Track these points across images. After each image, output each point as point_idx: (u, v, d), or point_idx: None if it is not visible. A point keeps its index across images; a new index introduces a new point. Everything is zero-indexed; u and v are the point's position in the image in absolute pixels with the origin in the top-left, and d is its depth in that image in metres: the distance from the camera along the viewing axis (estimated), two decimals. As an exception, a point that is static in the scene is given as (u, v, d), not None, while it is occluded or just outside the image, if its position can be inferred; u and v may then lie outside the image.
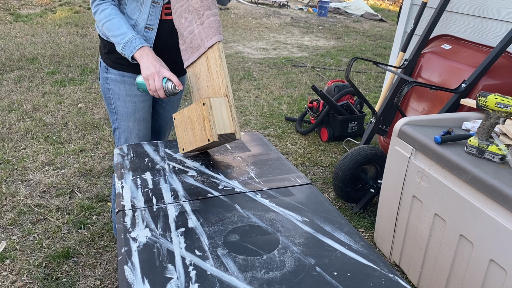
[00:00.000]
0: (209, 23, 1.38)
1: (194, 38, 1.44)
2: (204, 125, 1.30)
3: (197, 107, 1.32)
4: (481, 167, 1.51)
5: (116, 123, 1.69)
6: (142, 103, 1.67)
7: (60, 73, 4.68)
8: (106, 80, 1.63)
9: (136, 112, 1.67)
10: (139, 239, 1.02)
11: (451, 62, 2.31)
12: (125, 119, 1.67)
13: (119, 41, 1.40)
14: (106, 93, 1.65)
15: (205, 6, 1.38)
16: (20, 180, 2.63)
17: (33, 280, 1.89)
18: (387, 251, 2.09)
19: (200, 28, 1.41)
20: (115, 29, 1.40)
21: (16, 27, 6.68)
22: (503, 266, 1.41)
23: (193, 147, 1.38)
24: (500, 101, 1.50)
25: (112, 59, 1.59)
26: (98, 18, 1.42)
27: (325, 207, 1.18)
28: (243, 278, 0.90)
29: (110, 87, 1.63)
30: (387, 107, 2.57)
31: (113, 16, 1.41)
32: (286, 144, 3.38)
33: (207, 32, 1.39)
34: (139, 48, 1.39)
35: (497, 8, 2.43)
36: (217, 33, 1.37)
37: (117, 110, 1.66)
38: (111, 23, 1.40)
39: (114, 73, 1.60)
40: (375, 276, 0.93)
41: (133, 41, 1.39)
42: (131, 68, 1.57)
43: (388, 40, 8.28)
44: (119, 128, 1.69)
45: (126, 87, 1.62)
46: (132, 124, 1.68)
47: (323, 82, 5.11)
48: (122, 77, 1.60)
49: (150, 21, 1.50)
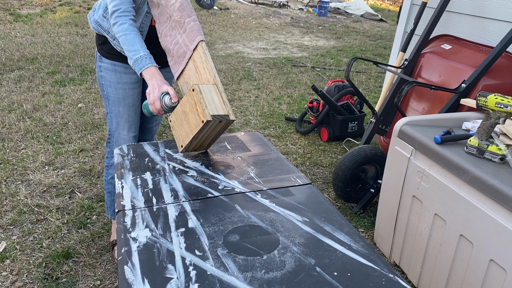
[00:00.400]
0: (190, 28, 1.50)
1: (179, 47, 1.55)
2: (196, 110, 1.34)
3: (188, 96, 1.37)
4: (481, 167, 1.51)
5: (108, 108, 1.84)
6: (131, 90, 1.82)
7: (60, 73, 4.68)
8: (100, 68, 1.79)
9: (126, 98, 1.81)
10: (139, 239, 1.02)
11: (451, 62, 2.31)
12: (116, 104, 1.82)
13: (131, 56, 1.51)
14: (100, 80, 1.82)
15: (185, 15, 1.52)
16: (20, 180, 2.63)
17: (33, 280, 1.89)
18: (387, 251, 2.09)
19: (184, 35, 1.53)
20: (129, 44, 1.52)
21: (16, 27, 6.68)
22: (503, 266, 1.41)
23: (190, 137, 1.37)
24: (500, 101, 1.50)
25: (105, 49, 1.75)
26: (116, 30, 1.54)
27: (325, 207, 1.18)
28: (243, 278, 0.90)
29: (103, 75, 1.79)
30: (387, 107, 2.57)
31: (130, 32, 1.53)
32: (286, 144, 3.38)
33: (190, 37, 1.50)
34: (148, 67, 1.51)
35: (497, 8, 2.43)
36: (198, 33, 1.48)
37: (108, 96, 1.81)
38: (127, 38, 1.52)
39: (107, 62, 1.76)
40: (375, 276, 0.93)
41: (144, 60, 1.50)
42: (121, 58, 1.74)
43: (388, 40, 8.28)
44: (110, 113, 1.84)
45: (117, 75, 1.77)
46: (123, 109, 1.83)
47: (323, 82, 5.11)
48: (114, 66, 1.76)
49: (142, 28, 1.68)
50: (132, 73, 1.79)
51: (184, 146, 1.41)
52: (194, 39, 1.48)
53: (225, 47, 6.56)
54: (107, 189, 2.02)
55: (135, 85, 1.82)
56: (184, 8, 1.53)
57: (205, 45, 1.47)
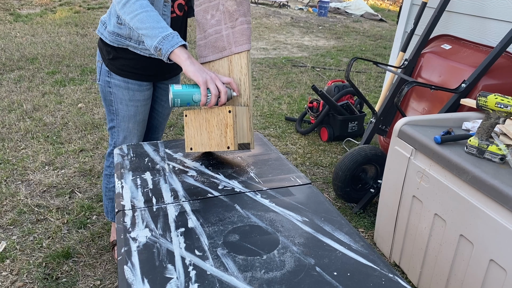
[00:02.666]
0: (241, 30, 1.35)
1: (219, 39, 1.40)
2: (225, 132, 1.29)
3: (220, 112, 1.29)
4: (481, 167, 1.51)
5: (115, 122, 1.74)
6: (144, 107, 1.74)
7: (60, 73, 4.68)
8: (109, 84, 1.66)
9: (137, 115, 1.73)
10: (139, 239, 1.02)
11: (451, 62, 2.31)
12: (125, 120, 1.73)
13: (157, 34, 1.28)
14: (107, 95, 1.69)
15: (240, 11, 1.35)
16: (20, 180, 2.63)
17: (33, 280, 1.89)
18: (387, 251, 2.09)
19: (230, 31, 1.37)
20: (153, 21, 1.29)
21: (16, 27, 6.68)
22: (503, 266, 1.41)
23: (206, 149, 1.37)
24: (500, 101, 1.50)
25: (117, 65, 1.61)
26: (132, 8, 1.30)
27: (325, 207, 1.18)
28: (243, 278, 0.90)
29: (113, 91, 1.66)
30: (387, 107, 2.57)
31: (151, 8, 1.32)
32: (286, 144, 3.38)
33: (237, 38, 1.36)
34: (180, 45, 1.29)
35: (497, 8, 2.43)
36: (248, 41, 1.35)
37: (118, 111, 1.71)
38: (149, 15, 1.30)
39: (118, 79, 1.63)
40: (375, 276, 0.93)
41: (175, 37, 1.29)
42: (135, 75, 1.63)
43: (388, 40, 8.28)
44: (118, 127, 1.75)
45: (130, 93, 1.66)
46: (132, 125, 1.75)
47: (323, 82, 5.11)
48: (126, 84, 1.64)
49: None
50: (146, 89, 1.69)
51: (193, 150, 1.40)
52: (242, 45, 1.35)
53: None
54: (108, 195, 1.97)
55: (147, 101, 1.75)
56: (241, 2, 1.35)
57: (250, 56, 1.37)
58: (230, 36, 1.38)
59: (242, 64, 1.36)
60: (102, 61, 1.65)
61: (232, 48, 1.37)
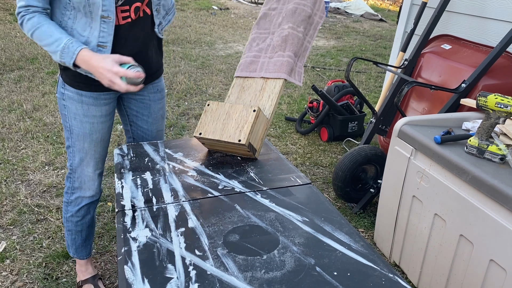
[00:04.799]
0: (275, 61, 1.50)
1: (254, 62, 1.55)
2: (242, 127, 1.35)
3: (245, 110, 1.38)
4: (481, 167, 1.51)
5: (70, 141, 1.54)
6: (101, 124, 1.52)
7: (60, 73, 4.68)
8: (63, 96, 1.48)
9: (94, 133, 1.52)
10: (139, 239, 1.02)
11: (451, 62, 2.31)
12: (80, 139, 1.52)
13: (55, 49, 1.26)
14: (62, 109, 1.51)
15: (282, 47, 1.51)
16: (20, 180, 2.63)
17: (33, 280, 1.89)
18: (387, 251, 2.09)
19: (267, 60, 1.53)
20: (46, 37, 1.25)
21: (16, 27, 6.68)
22: (503, 266, 1.41)
23: (215, 137, 1.38)
24: (500, 101, 1.50)
25: (69, 76, 1.43)
26: (26, 28, 1.27)
27: (325, 207, 1.18)
28: (243, 278, 0.90)
29: (66, 105, 1.48)
30: (387, 107, 2.57)
31: (42, 23, 1.26)
32: (286, 144, 3.39)
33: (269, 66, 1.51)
34: (78, 52, 1.26)
35: (497, 8, 2.43)
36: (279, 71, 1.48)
37: (72, 129, 1.51)
38: (41, 31, 1.26)
39: (71, 90, 1.45)
40: (375, 276, 0.93)
41: (70, 46, 1.25)
42: (90, 87, 1.43)
43: (388, 40, 8.28)
44: (73, 147, 1.54)
45: (84, 107, 1.47)
46: (88, 145, 1.54)
47: (323, 82, 5.11)
48: (80, 96, 1.45)
49: (102, 38, 1.34)
50: (103, 104, 1.49)
51: (202, 135, 1.41)
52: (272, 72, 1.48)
53: (225, 47, 6.56)
54: (67, 227, 1.72)
55: (106, 118, 1.53)
56: (286, 40, 1.49)
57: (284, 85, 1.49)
58: (264, 64, 1.52)
59: (276, 85, 1.47)
60: (59, 71, 1.50)
61: (262, 73, 1.50)
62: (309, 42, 1.55)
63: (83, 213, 1.68)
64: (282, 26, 1.52)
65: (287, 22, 1.51)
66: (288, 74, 1.47)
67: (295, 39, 1.49)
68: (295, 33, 1.50)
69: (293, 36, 1.49)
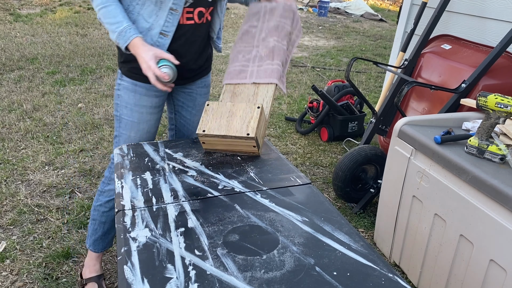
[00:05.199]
0: (265, 69, 1.53)
1: (243, 71, 1.56)
2: (249, 121, 1.37)
3: (248, 107, 1.40)
4: (481, 167, 1.51)
5: (118, 130, 1.65)
6: (149, 115, 1.63)
7: (60, 73, 4.68)
8: (119, 87, 1.62)
9: (141, 123, 1.63)
10: (139, 239, 1.02)
11: (451, 62, 2.31)
12: (128, 128, 1.63)
13: (114, 29, 1.38)
14: (116, 99, 1.64)
15: (269, 56, 1.55)
16: (20, 180, 2.63)
17: (33, 280, 1.89)
18: (387, 251, 2.09)
19: (255, 69, 1.55)
20: (110, 17, 1.38)
21: (16, 27, 6.68)
22: (503, 266, 1.41)
23: (221, 133, 1.39)
24: (500, 101, 1.50)
25: (127, 67, 1.58)
26: (96, 3, 1.39)
27: (325, 207, 1.18)
28: (243, 278, 0.90)
29: (120, 94, 1.61)
30: (387, 107, 2.57)
31: (110, 3, 1.39)
32: (286, 144, 3.38)
33: (260, 74, 1.53)
34: (134, 38, 1.39)
35: (497, 8, 2.43)
36: (270, 76, 1.50)
37: (121, 117, 1.63)
38: (107, 10, 1.38)
39: (127, 81, 1.59)
40: (375, 276, 0.93)
41: (128, 31, 1.38)
42: (144, 78, 1.54)
43: (388, 40, 8.28)
44: (119, 136, 1.65)
45: (136, 97, 1.59)
46: (134, 135, 1.64)
47: (323, 82, 5.11)
48: (134, 86, 1.58)
49: (166, 27, 1.46)
50: (154, 96, 1.61)
51: (206, 132, 1.41)
52: (263, 78, 1.51)
53: (225, 47, 6.56)
54: (93, 216, 1.77)
55: (154, 109, 1.64)
56: (274, 51, 1.53)
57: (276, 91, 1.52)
58: (254, 72, 1.54)
59: (268, 90, 1.49)
60: (118, 65, 1.65)
61: (253, 79, 1.52)
62: (289, 56, 1.60)
63: (111, 205, 1.72)
64: (267, 39, 1.56)
65: (271, 36, 1.56)
66: (278, 80, 1.50)
67: (281, 50, 1.54)
68: (280, 46, 1.55)
69: (279, 48, 1.54)
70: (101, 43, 6.06)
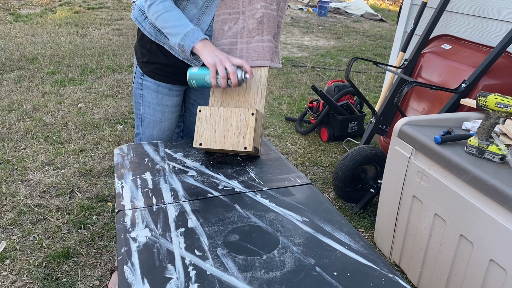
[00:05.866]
0: (255, 47, 1.44)
1: (233, 50, 1.46)
2: (245, 133, 1.33)
3: (241, 113, 1.34)
4: (481, 167, 1.51)
5: (140, 128, 1.70)
6: (171, 114, 1.68)
7: (60, 73, 4.68)
8: (140, 86, 1.64)
9: (163, 122, 1.68)
10: (139, 239, 1.02)
11: (451, 62, 2.31)
12: (150, 126, 1.68)
13: (179, 31, 1.35)
14: (137, 98, 1.67)
15: (258, 30, 1.42)
16: (20, 180, 2.63)
17: (33, 280, 1.89)
18: (387, 251, 2.09)
19: (245, 46, 1.45)
20: (175, 20, 1.36)
21: (16, 27, 6.68)
22: (503, 266, 1.41)
23: (218, 147, 1.37)
24: (500, 101, 1.50)
25: (150, 68, 1.60)
26: (156, 9, 1.37)
27: (325, 207, 1.18)
28: (243, 278, 0.90)
29: (143, 94, 1.64)
30: (387, 107, 2.57)
31: (173, 8, 1.39)
32: (286, 144, 3.38)
33: (250, 53, 1.44)
34: (202, 39, 1.36)
35: (497, 8, 2.43)
36: (262, 58, 1.42)
37: (144, 116, 1.67)
38: (171, 14, 1.37)
39: (150, 81, 1.61)
40: (375, 276, 0.93)
41: (195, 32, 1.36)
42: (167, 79, 1.60)
43: (388, 40, 8.27)
44: (142, 135, 1.70)
45: (159, 96, 1.63)
46: (157, 133, 1.69)
47: (323, 82, 5.11)
48: (157, 86, 1.62)
49: (209, 32, 1.49)
50: (175, 95, 1.66)
51: (202, 145, 1.39)
52: (255, 60, 1.42)
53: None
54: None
55: (175, 108, 1.69)
56: (262, 23, 1.42)
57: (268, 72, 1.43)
58: (243, 50, 1.44)
59: (262, 75, 1.42)
60: (136, 63, 1.65)
61: (255, 62, 1.44)
62: (281, 16, 1.49)
63: None
64: (254, 5, 1.43)
65: (258, 1, 1.43)
66: (271, 60, 1.43)
67: (271, 19, 1.43)
68: (270, 12, 1.43)
69: (268, 16, 1.42)
70: (101, 43, 6.05)
